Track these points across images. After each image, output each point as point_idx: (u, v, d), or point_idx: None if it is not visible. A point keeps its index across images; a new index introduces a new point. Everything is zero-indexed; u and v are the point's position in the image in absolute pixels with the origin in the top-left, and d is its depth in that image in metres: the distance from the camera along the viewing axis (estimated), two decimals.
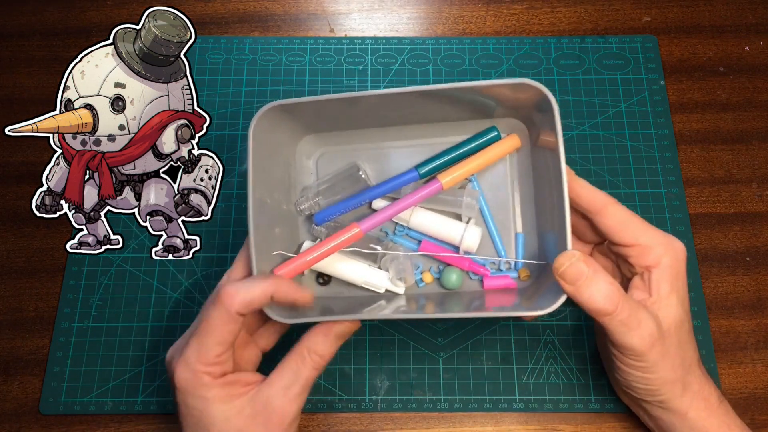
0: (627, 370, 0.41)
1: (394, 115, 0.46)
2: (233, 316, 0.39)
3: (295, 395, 0.40)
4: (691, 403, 0.41)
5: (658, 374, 0.40)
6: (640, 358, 0.39)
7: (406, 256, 0.45)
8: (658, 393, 0.41)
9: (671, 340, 0.40)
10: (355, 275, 0.46)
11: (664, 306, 0.40)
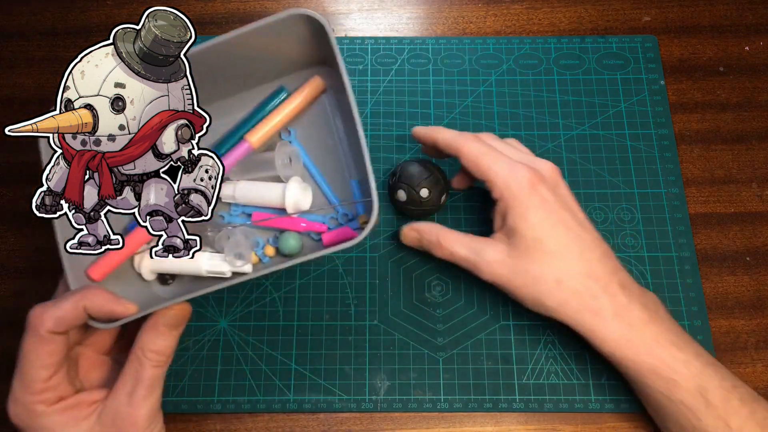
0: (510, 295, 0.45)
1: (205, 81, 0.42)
2: (46, 337, 0.37)
3: (141, 399, 0.39)
4: (574, 317, 0.43)
5: (522, 295, 0.44)
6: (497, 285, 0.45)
7: (238, 231, 0.43)
8: (543, 310, 0.44)
9: (523, 263, 0.43)
10: (196, 266, 0.43)
11: (510, 233, 0.44)
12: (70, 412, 0.38)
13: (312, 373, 0.49)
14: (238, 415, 0.49)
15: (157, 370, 0.39)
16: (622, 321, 0.42)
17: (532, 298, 0.44)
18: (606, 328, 0.42)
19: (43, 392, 0.38)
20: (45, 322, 0.37)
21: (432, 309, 0.51)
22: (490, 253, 0.44)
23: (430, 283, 0.52)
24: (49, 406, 0.38)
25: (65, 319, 0.38)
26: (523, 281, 0.43)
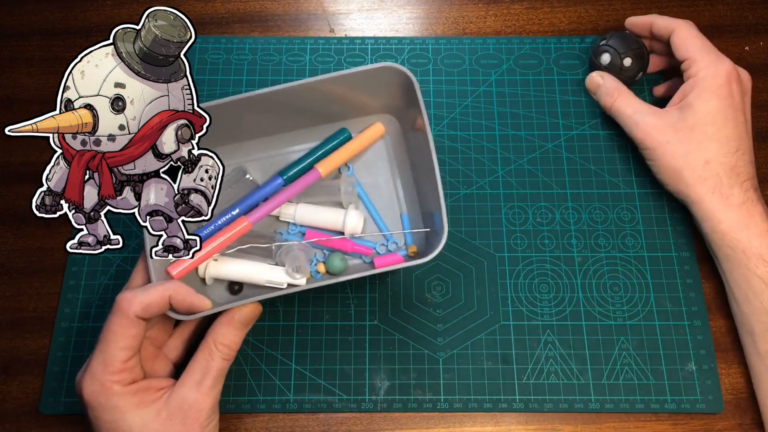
0: (646, 162, 0.52)
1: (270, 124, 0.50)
2: (133, 321, 0.39)
3: (208, 388, 0.41)
4: (704, 195, 0.48)
5: (665, 162, 0.50)
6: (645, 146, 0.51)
7: (297, 247, 0.47)
8: (665, 180, 0.51)
9: (683, 135, 0.49)
10: (256, 275, 0.47)
11: (685, 107, 0.50)
12: (141, 394, 0.40)
13: (312, 373, 0.49)
14: (238, 415, 0.49)
15: (225, 362, 0.42)
16: (745, 210, 0.47)
17: (673, 167, 0.49)
18: (728, 212, 0.47)
19: (120, 372, 0.39)
20: (134, 306, 0.39)
21: (432, 309, 0.51)
22: (652, 119, 0.50)
23: (430, 283, 0.52)
24: (124, 386, 0.39)
25: (152, 306, 0.40)
26: (673, 151, 0.49)
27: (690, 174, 0.49)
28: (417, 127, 0.48)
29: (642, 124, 0.51)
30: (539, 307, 0.51)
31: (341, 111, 0.51)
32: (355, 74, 0.46)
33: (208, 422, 0.41)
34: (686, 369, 0.49)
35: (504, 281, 0.52)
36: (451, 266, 0.53)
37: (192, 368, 0.41)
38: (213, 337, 0.42)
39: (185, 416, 0.40)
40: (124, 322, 0.39)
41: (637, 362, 0.49)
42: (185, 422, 0.40)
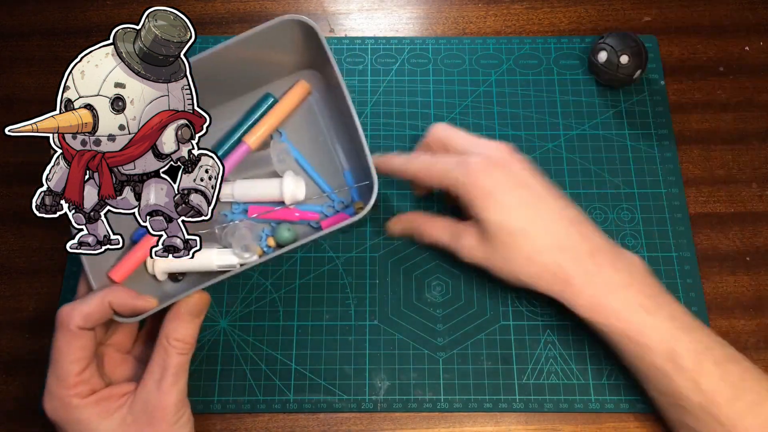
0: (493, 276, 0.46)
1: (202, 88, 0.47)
2: (76, 333, 0.39)
3: (170, 386, 0.40)
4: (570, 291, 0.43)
5: (500, 274, 0.45)
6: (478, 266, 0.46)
7: (241, 225, 0.46)
8: (522, 285, 0.44)
9: (493, 247, 0.44)
10: (207, 262, 0.45)
11: (476, 222, 0.44)
12: (102, 404, 0.40)
13: (312, 373, 0.49)
14: (238, 415, 0.49)
15: (182, 357, 0.41)
16: (591, 288, 0.42)
17: (508, 276, 0.44)
18: (578, 296, 0.43)
19: (76, 386, 0.39)
20: (74, 318, 0.39)
21: (432, 309, 0.51)
22: (466, 239, 0.45)
23: (430, 283, 0.52)
24: (83, 399, 0.39)
25: (93, 315, 0.40)
26: (496, 263, 0.44)
27: (524, 276, 0.44)
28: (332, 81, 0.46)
29: (460, 249, 0.46)
30: (539, 307, 0.51)
31: (262, 75, 0.48)
32: (258, 34, 0.44)
33: (175, 419, 0.41)
34: None
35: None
36: (451, 266, 0.52)
37: (150, 368, 0.41)
38: (165, 334, 0.41)
39: (151, 418, 0.40)
40: (68, 336, 0.39)
41: None
42: (152, 423, 0.40)
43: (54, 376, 0.39)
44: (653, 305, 0.42)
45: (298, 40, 0.46)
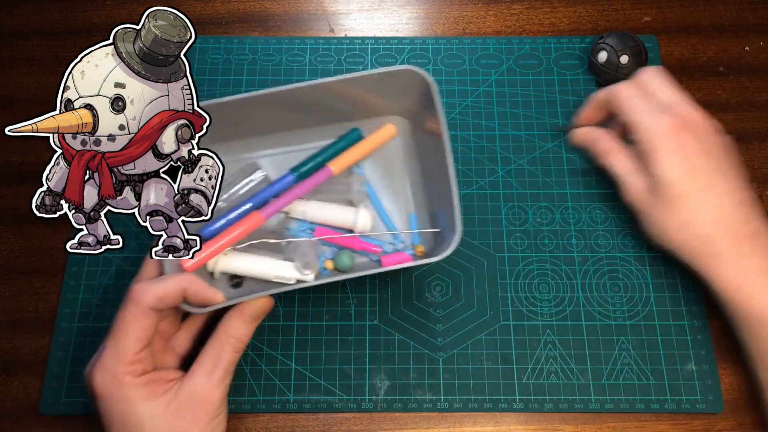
0: (640, 224, 0.48)
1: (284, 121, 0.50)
2: (147, 312, 0.40)
3: (218, 380, 0.41)
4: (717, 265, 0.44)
5: (652, 228, 0.47)
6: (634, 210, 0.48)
7: (306, 243, 0.48)
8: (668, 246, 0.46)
9: (656, 201, 0.46)
10: (265, 270, 0.47)
11: (649, 173, 0.46)
12: (151, 386, 0.40)
13: (312, 373, 0.49)
14: (238, 415, 0.49)
15: (236, 354, 0.42)
16: (738, 268, 0.43)
17: (659, 233, 0.47)
18: (723, 273, 0.44)
19: (133, 363, 0.40)
20: (148, 297, 0.40)
21: (432, 309, 0.51)
22: (636, 182, 0.47)
23: (430, 283, 0.52)
24: (135, 378, 0.40)
25: (166, 298, 0.40)
26: (653, 218, 0.46)
27: (674, 239, 0.46)
28: (428, 130, 0.48)
29: (629, 187, 0.48)
30: (539, 307, 0.51)
31: (354, 111, 0.51)
32: (374, 76, 0.47)
33: (216, 414, 0.41)
34: (686, 369, 0.49)
35: (504, 281, 0.52)
36: (451, 266, 0.53)
37: (202, 360, 0.42)
38: (224, 329, 0.42)
39: (195, 407, 0.40)
40: (138, 313, 0.40)
41: (637, 362, 0.49)
42: (195, 413, 0.40)
43: (113, 349, 0.39)
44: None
45: (406, 88, 0.48)
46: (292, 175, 0.50)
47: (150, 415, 0.39)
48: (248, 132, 0.51)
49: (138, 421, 0.39)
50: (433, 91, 0.47)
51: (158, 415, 0.40)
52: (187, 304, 0.42)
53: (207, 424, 0.41)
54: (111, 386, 0.39)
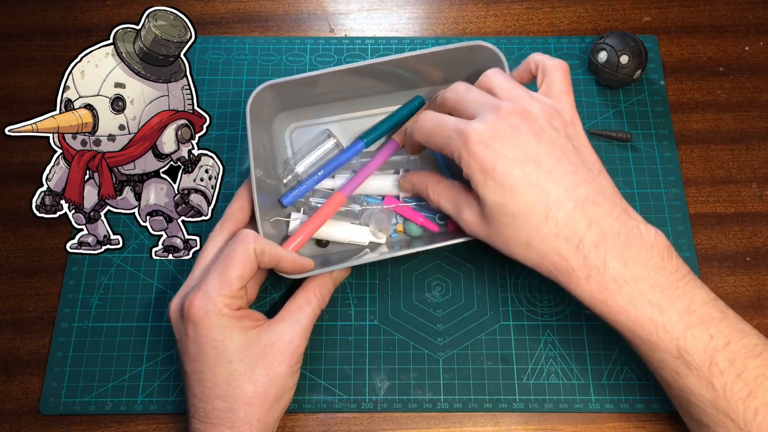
0: None
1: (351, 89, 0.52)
2: (252, 254, 0.42)
3: (305, 328, 0.44)
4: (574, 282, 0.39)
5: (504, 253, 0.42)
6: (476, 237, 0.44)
7: (381, 210, 0.51)
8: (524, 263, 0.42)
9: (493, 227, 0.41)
10: (343, 234, 0.50)
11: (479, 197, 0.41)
12: (243, 320, 0.43)
13: (312, 373, 0.49)
14: None
15: (317, 311, 0.46)
16: (594, 283, 0.39)
17: (511, 257, 0.42)
18: (580, 288, 0.39)
19: (233, 297, 0.42)
20: (255, 244, 0.42)
21: (432, 309, 0.51)
22: (467, 214, 0.43)
23: (430, 283, 0.52)
24: (231, 310, 0.42)
25: (265, 255, 0.43)
26: (496, 244, 0.42)
27: (526, 260, 0.41)
28: None
29: (462, 223, 0.44)
30: (539, 307, 0.51)
31: (417, 80, 0.53)
32: (449, 51, 0.48)
33: (298, 361, 0.43)
34: None
35: (504, 281, 0.52)
36: (451, 266, 0.53)
37: (290, 308, 0.45)
38: (314, 284, 0.46)
39: (284, 348, 0.43)
40: (245, 252, 0.42)
41: (637, 362, 0.49)
42: (284, 353, 0.43)
43: (218, 281, 0.42)
44: (666, 300, 0.38)
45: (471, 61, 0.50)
46: (361, 141, 0.52)
47: (244, 345, 0.42)
48: (317, 100, 0.53)
49: (233, 349, 0.41)
50: (505, 67, 0.48)
51: (251, 347, 0.42)
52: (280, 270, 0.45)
53: (293, 365, 0.43)
54: (211, 314, 0.41)
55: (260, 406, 0.41)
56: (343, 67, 0.48)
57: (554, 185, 0.39)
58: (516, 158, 0.39)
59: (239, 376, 0.41)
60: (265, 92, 0.48)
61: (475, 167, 0.40)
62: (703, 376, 0.37)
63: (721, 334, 0.38)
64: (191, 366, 0.42)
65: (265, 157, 0.50)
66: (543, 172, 0.39)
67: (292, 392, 0.44)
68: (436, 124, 0.43)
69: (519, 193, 0.39)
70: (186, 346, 0.42)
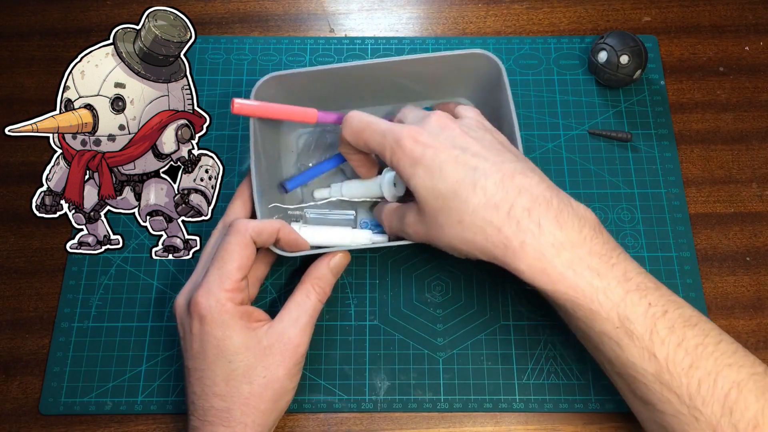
0: None
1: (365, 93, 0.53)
2: (248, 242, 0.42)
3: (305, 325, 0.44)
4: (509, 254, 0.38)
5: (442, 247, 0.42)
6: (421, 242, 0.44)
7: None
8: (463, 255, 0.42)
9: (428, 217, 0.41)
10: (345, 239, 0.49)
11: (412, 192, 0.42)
12: (247, 318, 0.42)
13: (312, 373, 0.49)
14: None
15: (319, 304, 0.45)
16: (531, 250, 0.38)
17: (448, 246, 0.42)
18: (518, 259, 0.38)
19: (234, 291, 0.42)
20: (250, 228, 0.42)
21: (432, 309, 0.51)
22: (409, 217, 0.44)
23: (430, 283, 0.52)
24: (234, 305, 0.42)
25: (263, 233, 0.43)
26: (435, 234, 0.42)
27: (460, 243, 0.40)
28: None
29: (406, 230, 0.44)
30: (539, 307, 0.51)
31: (425, 92, 0.53)
32: (445, 57, 0.49)
33: (300, 360, 0.43)
34: None
35: (504, 281, 0.52)
36: (451, 266, 0.53)
37: (289, 307, 0.44)
38: (310, 278, 0.45)
39: (283, 350, 0.42)
40: (241, 242, 0.42)
41: None
42: (282, 354, 0.42)
43: (217, 275, 0.42)
44: (604, 266, 0.38)
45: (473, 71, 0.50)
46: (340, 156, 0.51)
47: (244, 345, 0.41)
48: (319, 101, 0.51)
49: (232, 349, 0.41)
50: (503, 74, 0.48)
51: (251, 348, 0.41)
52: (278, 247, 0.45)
53: (292, 367, 0.43)
54: (214, 310, 0.41)
55: (256, 407, 0.41)
56: (349, 64, 0.49)
57: (482, 162, 0.40)
58: (444, 146, 0.41)
59: (237, 376, 0.41)
60: (269, 85, 0.48)
61: (405, 161, 0.41)
62: (645, 347, 0.37)
63: (658, 302, 0.37)
64: (193, 363, 0.42)
65: (266, 152, 0.50)
66: (469, 154, 0.40)
67: (291, 394, 0.44)
68: (365, 124, 0.44)
69: (447, 171, 0.40)
70: (189, 342, 0.42)
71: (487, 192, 0.38)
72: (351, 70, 0.49)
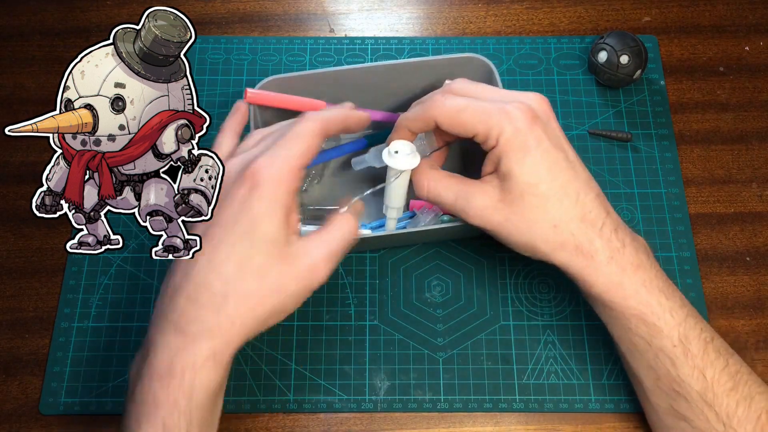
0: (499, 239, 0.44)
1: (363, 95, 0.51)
2: (316, 130, 0.41)
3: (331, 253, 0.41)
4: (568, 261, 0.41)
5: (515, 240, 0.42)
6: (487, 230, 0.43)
7: None
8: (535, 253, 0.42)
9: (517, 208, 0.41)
10: None
11: (504, 177, 0.42)
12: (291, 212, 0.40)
13: (312, 373, 0.49)
14: (238, 415, 0.49)
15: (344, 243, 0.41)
16: (614, 265, 0.41)
17: (525, 243, 0.42)
18: (598, 271, 0.41)
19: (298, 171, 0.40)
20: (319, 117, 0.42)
21: (432, 309, 0.51)
22: (479, 199, 0.43)
23: (430, 283, 0.52)
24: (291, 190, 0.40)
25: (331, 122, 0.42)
26: (516, 226, 0.42)
27: (545, 244, 0.42)
28: None
29: (472, 210, 0.43)
30: (539, 307, 0.51)
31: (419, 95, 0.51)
32: (439, 61, 0.50)
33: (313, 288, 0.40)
34: None
35: (504, 281, 0.52)
36: (451, 266, 0.53)
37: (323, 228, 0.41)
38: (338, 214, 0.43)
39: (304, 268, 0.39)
40: (310, 128, 0.40)
41: None
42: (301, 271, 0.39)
43: (286, 148, 0.40)
44: (669, 288, 0.42)
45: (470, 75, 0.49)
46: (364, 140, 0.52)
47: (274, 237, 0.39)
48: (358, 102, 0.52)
49: (264, 232, 0.38)
50: (495, 75, 0.49)
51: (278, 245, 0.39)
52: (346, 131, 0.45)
53: (302, 289, 0.40)
54: (274, 179, 0.39)
55: (252, 309, 0.38)
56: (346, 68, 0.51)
57: (578, 175, 0.42)
58: (550, 144, 0.41)
59: (252, 265, 0.38)
60: (270, 87, 0.49)
61: (516, 144, 0.41)
62: (698, 366, 0.40)
63: (706, 329, 0.42)
64: (212, 231, 0.39)
65: None
66: (570, 161, 0.42)
67: (282, 318, 0.40)
68: (467, 101, 0.43)
69: (554, 175, 0.41)
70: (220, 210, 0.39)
71: (586, 206, 0.41)
72: (346, 73, 0.51)
